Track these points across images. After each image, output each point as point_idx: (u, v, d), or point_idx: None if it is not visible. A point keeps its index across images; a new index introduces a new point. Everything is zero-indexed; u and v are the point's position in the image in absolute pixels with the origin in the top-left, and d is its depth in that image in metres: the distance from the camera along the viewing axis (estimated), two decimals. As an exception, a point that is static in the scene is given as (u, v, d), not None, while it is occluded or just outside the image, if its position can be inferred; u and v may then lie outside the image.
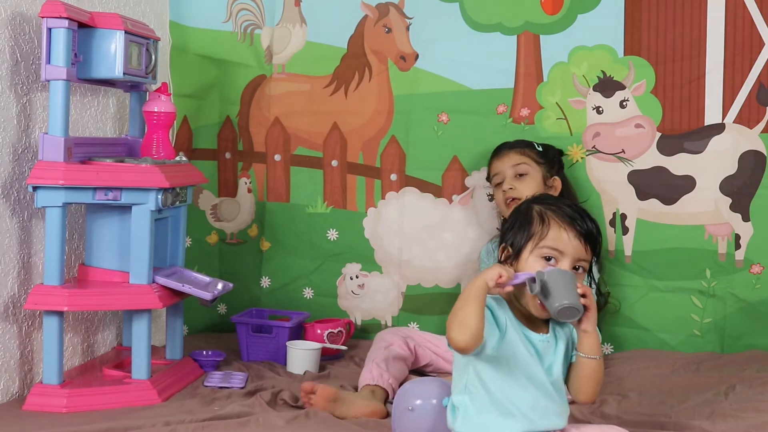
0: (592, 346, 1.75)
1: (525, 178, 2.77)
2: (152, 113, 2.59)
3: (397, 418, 1.95)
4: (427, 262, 3.07)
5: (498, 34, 3.00)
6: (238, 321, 2.88)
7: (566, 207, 1.77)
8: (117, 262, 2.46)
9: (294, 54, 3.12)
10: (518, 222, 1.78)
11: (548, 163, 2.81)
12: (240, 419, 2.19)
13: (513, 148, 2.83)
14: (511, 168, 2.78)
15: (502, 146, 2.85)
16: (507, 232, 1.79)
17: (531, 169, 2.78)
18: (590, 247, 1.76)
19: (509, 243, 1.76)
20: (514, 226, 1.79)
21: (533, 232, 1.74)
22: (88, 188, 2.33)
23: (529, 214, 1.77)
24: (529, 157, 2.80)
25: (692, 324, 2.95)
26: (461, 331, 1.63)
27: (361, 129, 3.10)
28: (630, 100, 2.95)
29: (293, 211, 3.15)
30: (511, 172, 2.78)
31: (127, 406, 2.31)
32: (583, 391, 1.78)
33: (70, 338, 2.61)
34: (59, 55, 2.27)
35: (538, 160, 2.80)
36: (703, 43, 2.90)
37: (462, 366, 1.77)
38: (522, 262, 1.74)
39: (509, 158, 2.80)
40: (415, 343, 2.62)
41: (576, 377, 1.78)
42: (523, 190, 2.70)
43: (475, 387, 1.75)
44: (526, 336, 1.75)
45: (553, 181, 2.80)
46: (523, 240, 1.75)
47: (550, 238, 1.73)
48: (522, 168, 2.78)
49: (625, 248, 2.97)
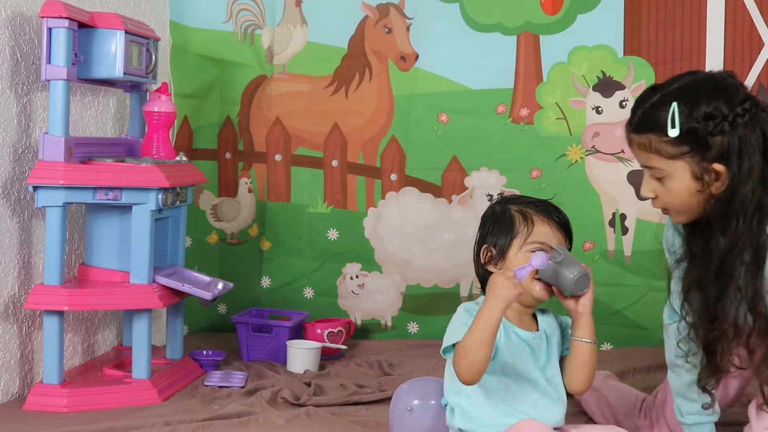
0: (588, 329, 1.77)
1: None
2: (152, 113, 2.59)
3: (395, 419, 1.94)
4: (427, 262, 3.07)
5: (498, 35, 3.01)
6: (238, 321, 2.89)
7: (538, 202, 1.82)
8: (117, 262, 2.46)
9: (294, 54, 3.12)
10: (497, 224, 1.80)
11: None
12: (240, 419, 2.19)
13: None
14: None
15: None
16: (486, 235, 1.80)
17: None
18: (567, 236, 1.81)
19: (492, 245, 1.77)
20: (492, 228, 1.80)
21: (517, 230, 1.77)
22: (89, 188, 2.33)
23: (507, 214, 1.80)
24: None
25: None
26: (471, 373, 1.66)
27: (361, 129, 3.11)
28: (630, 100, 2.95)
29: (294, 211, 3.15)
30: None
31: (127, 406, 2.31)
32: (578, 378, 1.79)
33: (70, 338, 2.62)
34: (59, 55, 2.28)
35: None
36: (703, 43, 2.91)
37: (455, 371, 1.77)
38: (510, 261, 1.76)
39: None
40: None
41: (571, 363, 1.79)
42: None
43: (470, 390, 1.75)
44: (518, 335, 1.76)
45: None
46: (508, 239, 1.77)
47: (535, 234, 1.76)
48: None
49: (624, 248, 2.97)
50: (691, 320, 1.80)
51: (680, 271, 1.83)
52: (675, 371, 1.88)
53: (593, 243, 2.99)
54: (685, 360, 1.83)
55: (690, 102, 1.68)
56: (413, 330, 3.11)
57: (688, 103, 1.67)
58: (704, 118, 1.66)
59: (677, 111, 1.66)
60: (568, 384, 1.81)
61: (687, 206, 1.74)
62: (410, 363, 2.81)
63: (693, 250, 1.80)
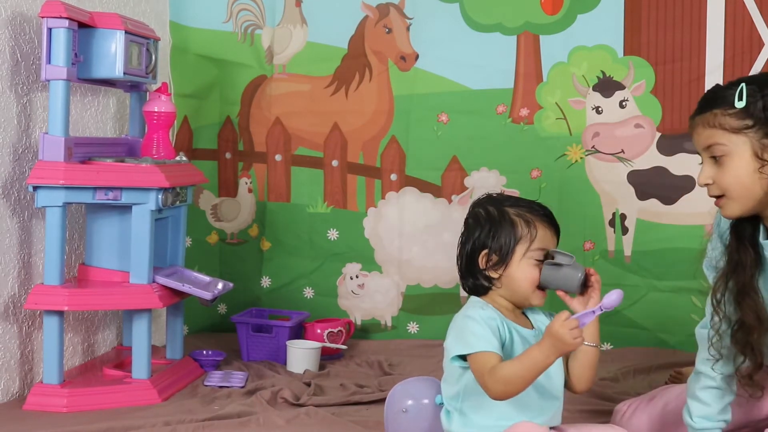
0: (593, 333, 1.77)
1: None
2: (152, 113, 2.59)
3: (390, 420, 1.93)
4: (427, 262, 3.07)
5: (498, 35, 3.01)
6: (238, 321, 2.89)
7: (532, 204, 1.81)
8: (117, 262, 2.46)
9: (295, 54, 3.12)
10: (496, 227, 1.78)
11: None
12: (240, 419, 2.19)
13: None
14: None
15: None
16: (485, 239, 1.79)
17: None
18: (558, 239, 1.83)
19: (494, 250, 1.77)
20: (492, 232, 1.79)
21: (521, 235, 1.76)
22: (89, 188, 2.33)
23: (507, 217, 1.78)
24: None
25: (692, 324, 2.91)
26: (504, 397, 1.66)
27: (361, 129, 3.11)
28: (630, 100, 2.95)
29: (294, 211, 3.15)
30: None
31: (127, 406, 2.31)
32: (583, 380, 1.80)
33: (70, 338, 2.62)
34: (59, 55, 2.28)
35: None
36: (703, 43, 2.91)
37: (456, 376, 1.77)
38: (514, 266, 1.75)
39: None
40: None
41: (576, 365, 1.79)
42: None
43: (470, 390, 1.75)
44: (519, 332, 1.76)
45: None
46: (511, 245, 1.76)
47: (539, 239, 1.76)
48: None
49: (624, 248, 2.97)
50: (739, 325, 1.77)
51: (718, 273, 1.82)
52: (698, 376, 1.87)
53: (593, 243, 2.99)
54: (711, 367, 1.82)
55: (757, 84, 1.68)
56: (413, 330, 3.11)
57: (755, 84, 1.68)
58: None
59: (745, 87, 1.67)
60: (571, 384, 1.82)
61: (744, 189, 1.69)
62: (410, 363, 2.81)
63: (742, 256, 1.78)
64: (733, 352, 1.78)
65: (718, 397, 1.84)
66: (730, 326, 1.78)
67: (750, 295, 1.76)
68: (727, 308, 1.78)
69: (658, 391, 2.10)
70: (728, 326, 1.78)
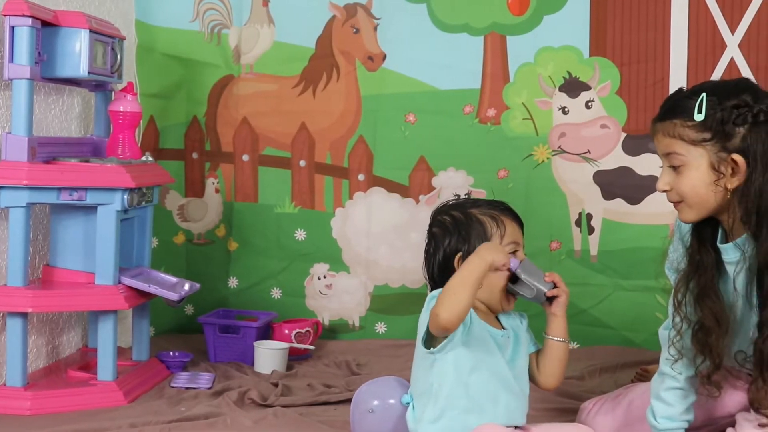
0: (561, 329, 1.88)
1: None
2: (118, 113, 2.57)
3: (357, 421, 1.93)
4: (394, 263, 3.08)
5: (465, 35, 3.02)
6: (205, 321, 2.87)
7: (495, 203, 1.89)
8: (82, 263, 2.44)
9: (262, 54, 3.11)
10: (467, 230, 1.83)
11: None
12: (207, 420, 2.18)
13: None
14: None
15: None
16: (458, 243, 1.84)
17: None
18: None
19: (468, 254, 1.79)
20: (461, 236, 1.84)
21: (491, 233, 1.83)
22: (53, 188, 2.31)
23: (474, 218, 1.84)
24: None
25: (657, 322, 2.95)
26: (451, 311, 1.67)
27: (328, 129, 3.11)
28: (595, 100, 2.97)
29: (261, 212, 3.14)
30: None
31: (92, 408, 2.29)
32: (552, 375, 1.88)
33: (34, 340, 2.59)
34: (22, 53, 2.26)
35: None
36: (667, 44, 2.94)
37: (426, 366, 1.79)
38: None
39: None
40: None
41: (545, 361, 1.88)
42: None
43: (438, 386, 1.76)
44: (488, 330, 1.81)
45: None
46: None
47: (509, 234, 1.84)
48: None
49: (590, 248, 3.00)
50: (699, 326, 1.79)
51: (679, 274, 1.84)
52: (662, 377, 1.89)
53: (560, 242, 3.01)
54: (671, 367, 1.84)
55: (718, 94, 1.70)
56: (381, 330, 3.12)
57: (716, 95, 1.70)
58: (730, 108, 1.68)
59: (705, 99, 1.69)
60: (540, 380, 1.89)
61: (700, 199, 1.73)
62: (378, 363, 2.82)
63: (702, 258, 1.81)
64: (693, 352, 1.80)
65: (682, 397, 1.86)
66: (690, 327, 1.80)
67: (710, 296, 1.78)
68: (688, 310, 1.80)
69: (623, 390, 2.13)
70: (689, 327, 1.80)
